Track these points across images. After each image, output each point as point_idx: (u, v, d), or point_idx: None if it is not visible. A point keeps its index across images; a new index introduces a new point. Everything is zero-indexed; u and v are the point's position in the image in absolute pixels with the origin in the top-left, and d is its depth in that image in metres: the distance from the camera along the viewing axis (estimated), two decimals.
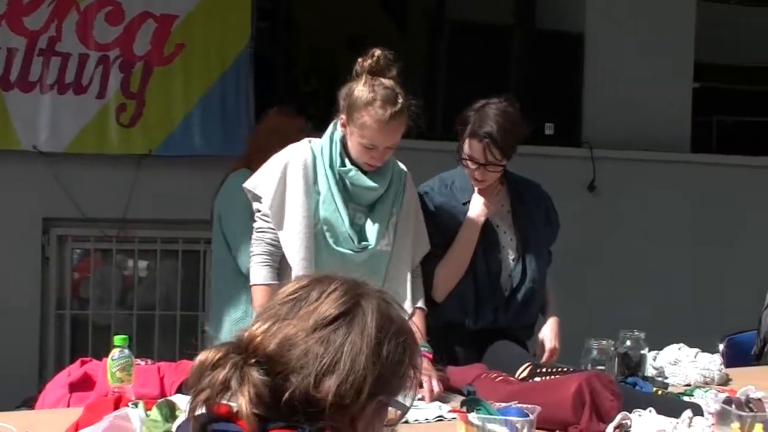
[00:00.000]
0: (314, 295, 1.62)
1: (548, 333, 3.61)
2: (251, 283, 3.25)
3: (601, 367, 3.19)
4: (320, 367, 1.55)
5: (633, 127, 6.49)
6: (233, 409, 1.54)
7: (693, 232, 6.63)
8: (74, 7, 5.50)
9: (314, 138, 3.33)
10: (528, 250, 3.59)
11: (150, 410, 2.44)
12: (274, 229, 3.22)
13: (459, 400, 2.80)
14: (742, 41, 7.68)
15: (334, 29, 7.02)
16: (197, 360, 1.57)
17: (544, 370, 3.10)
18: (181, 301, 5.91)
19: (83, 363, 3.07)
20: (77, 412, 2.57)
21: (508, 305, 3.56)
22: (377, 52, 3.15)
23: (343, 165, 3.23)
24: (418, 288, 3.38)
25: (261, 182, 3.26)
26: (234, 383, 1.53)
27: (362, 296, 1.63)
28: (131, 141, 5.62)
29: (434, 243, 3.45)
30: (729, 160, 6.75)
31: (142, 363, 3.02)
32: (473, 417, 2.50)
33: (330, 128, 3.27)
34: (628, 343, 3.37)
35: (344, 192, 3.23)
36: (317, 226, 3.21)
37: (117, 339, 2.77)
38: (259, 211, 3.26)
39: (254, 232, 3.27)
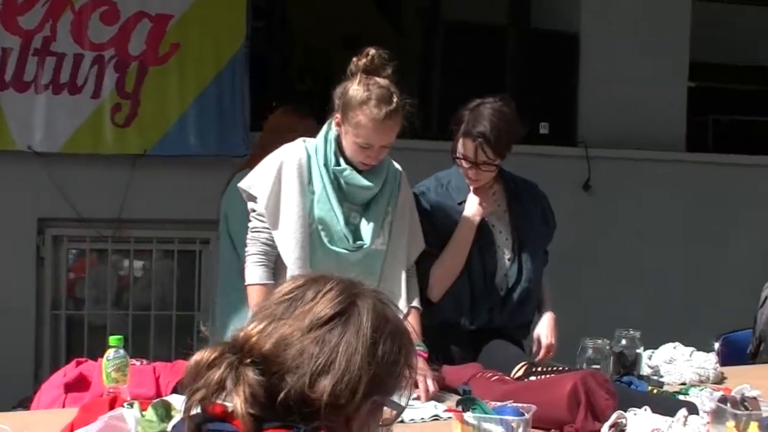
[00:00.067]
0: (310, 295, 1.62)
1: (544, 329, 3.60)
2: (246, 283, 3.24)
3: (597, 366, 3.19)
4: (316, 367, 1.55)
5: (628, 127, 6.49)
6: (228, 409, 1.54)
7: (688, 231, 6.63)
8: (69, 7, 5.49)
9: (309, 138, 3.33)
10: (524, 250, 3.59)
11: (145, 410, 2.43)
12: (269, 229, 3.22)
13: (454, 400, 2.81)
14: (738, 40, 7.68)
15: (329, 29, 7.02)
16: (192, 360, 1.56)
17: (540, 369, 3.10)
18: (177, 301, 5.90)
19: (78, 363, 3.07)
20: (72, 413, 2.57)
21: (504, 305, 3.56)
22: (372, 51, 3.15)
23: (338, 164, 3.22)
24: (413, 287, 3.37)
25: (256, 182, 3.26)
26: (229, 383, 1.53)
27: (358, 296, 1.63)
28: (126, 141, 5.61)
29: (430, 242, 3.45)
30: (724, 159, 6.75)
31: (138, 363, 3.02)
32: (469, 416, 2.50)
33: (325, 127, 3.27)
34: (624, 342, 3.37)
35: (339, 191, 3.23)
36: (312, 226, 3.20)
37: (112, 339, 2.77)
38: (254, 211, 3.26)
39: (249, 232, 3.27)
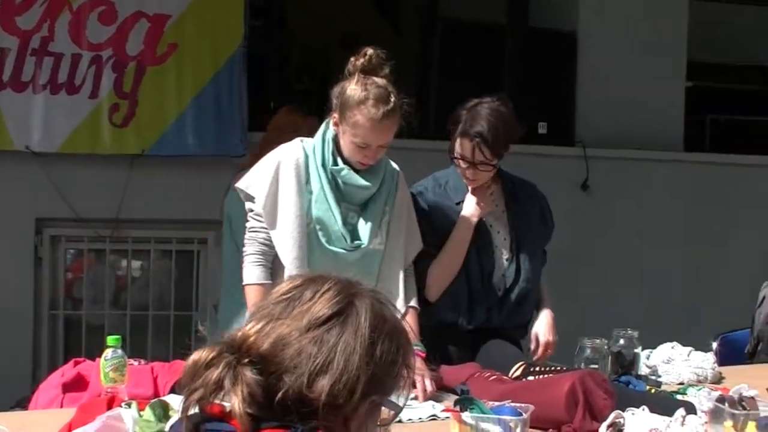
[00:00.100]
0: (308, 295, 1.62)
1: (542, 327, 3.59)
2: (244, 283, 3.24)
3: (595, 366, 3.19)
4: (313, 367, 1.55)
5: (626, 126, 6.48)
6: (226, 409, 1.54)
7: (686, 231, 6.63)
8: (67, 7, 5.49)
9: (306, 138, 3.32)
10: (522, 250, 3.58)
11: (143, 410, 2.43)
12: (267, 229, 3.22)
13: (452, 399, 2.81)
14: (736, 40, 7.68)
15: (327, 28, 7.02)
16: (190, 359, 1.56)
17: (538, 369, 3.09)
18: (175, 301, 5.89)
19: (76, 363, 3.07)
20: (70, 413, 2.57)
21: (502, 305, 3.55)
22: (369, 51, 3.15)
23: (336, 164, 3.22)
24: (411, 287, 3.37)
25: (253, 182, 3.26)
26: (227, 383, 1.53)
27: (356, 296, 1.63)
28: (124, 141, 5.61)
29: (428, 242, 3.45)
30: (722, 159, 6.75)
31: (136, 363, 3.02)
32: (467, 416, 2.50)
33: (322, 127, 3.27)
34: (622, 342, 3.36)
35: (336, 191, 3.23)
36: (310, 226, 3.20)
37: (110, 339, 2.77)
38: (252, 211, 3.26)
39: (247, 232, 3.27)
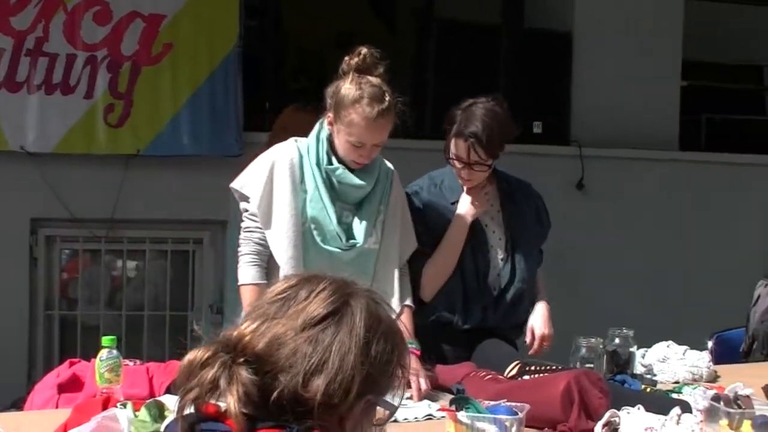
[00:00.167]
0: (303, 295, 1.62)
1: (538, 320, 3.57)
2: (239, 283, 3.24)
3: (590, 365, 3.20)
4: (309, 367, 1.55)
5: (621, 126, 6.49)
6: (221, 409, 1.53)
7: (681, 230, 6.64)
8: (61, 7, 5.48)
9: (301, 137, 3.32)
10: (517, 250, 3.58)
11: (138, 411, 2.43)
12: (262, 229, 3.22)
13: (448, 399, 2.81)
14: (731, 39, 7.68)
15: (323, 28, 7.02)
16: (186, 359, 1.56)
17: (533, 369, 3.09)
18: (170, 302, 5.89)
19: (72, 364, 3.07)
20: (66, 413, 2.57)
21: (497, 305, 3.55)
22: (364, 50, 3.16)
23: (330, 163, 3.22)
24: (406, 286, 3.37)
25: (248, 182, 3.26)
26: (223, 382, 1.52)
27: (351, 296, 1.62)
28: (119, 141, 5.61)
29: (422, 242, 3.45)
30: (717, 158, 6.75)
31: (131, 363, 3.02)
32: (462, 415, 2.50)
33: (317, 127, 3.27)
34: (617, 341, 3.37)
35: (331, 190, 3.23)
36: (305, 225, 3.20)
37: (105, 340, 2.77)
38: (247, 211, 3.26)
39: (242, 232, 3.27)
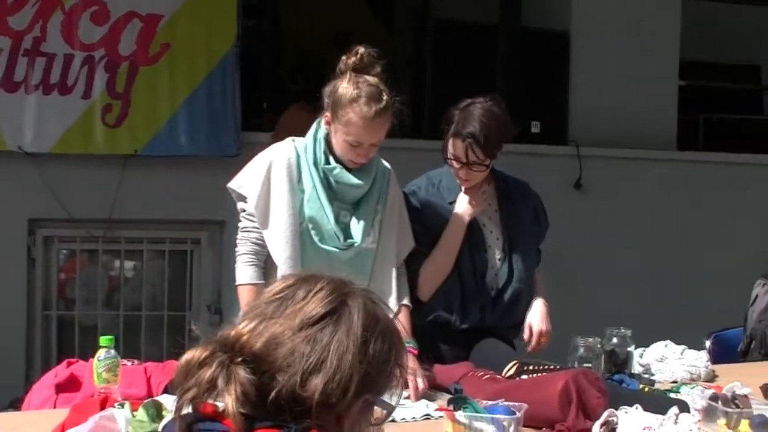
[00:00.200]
0: (301, 294, 1.62)
1: (536, 316, 3.56)
2: (237, 283, 3.24)
3: (588, 365, 3.19)
4: (307, 366, 1.55)
5: (619, 125, 6.49)
6: (219, 409, 1.53)
7: (679, 230, 6.64)
8: (59, 7, 5.48)
9: (298, 137, 3.32)
10: (515, 250, 3.57)
11: (136, 410, 2.43)
12: (260, 229, 3.21)
13: (446, 399, 2.81)
14: (728, 39, 7.69)
15: (320, 27, 7.01)
16: (183, 359, 1.56)
17: (531, 368, 3.09)
18: (168, 302, 5.89)
19: (69, 364, 3.07)
20: (63, 413, 2.57)
21: (495, 304, 3.55)
22: (361, 50, 3.15)
23: (328, 163, 3.22)
24: (403, 285, 3.37)
25: (245, 182, 3.25)
26: (220, 382, 1.52)
27: (349, 295, 1.63)
28: (117, 141, 5.60)
29: (420, 241, 3.45)
30: (715, 158, 6.76)
31: (129, 363, 3.02)
32: (460, 415, 2.50)
33: (314, 126, 3.27)
34: (615, 341, 3.36)
35: (329, 190, 3.22)
36: (302, 225, 3.20)
37: (103, 339, 2.76)
38: (244, 211, 3.26)
39: (239, 232, 3.26)
